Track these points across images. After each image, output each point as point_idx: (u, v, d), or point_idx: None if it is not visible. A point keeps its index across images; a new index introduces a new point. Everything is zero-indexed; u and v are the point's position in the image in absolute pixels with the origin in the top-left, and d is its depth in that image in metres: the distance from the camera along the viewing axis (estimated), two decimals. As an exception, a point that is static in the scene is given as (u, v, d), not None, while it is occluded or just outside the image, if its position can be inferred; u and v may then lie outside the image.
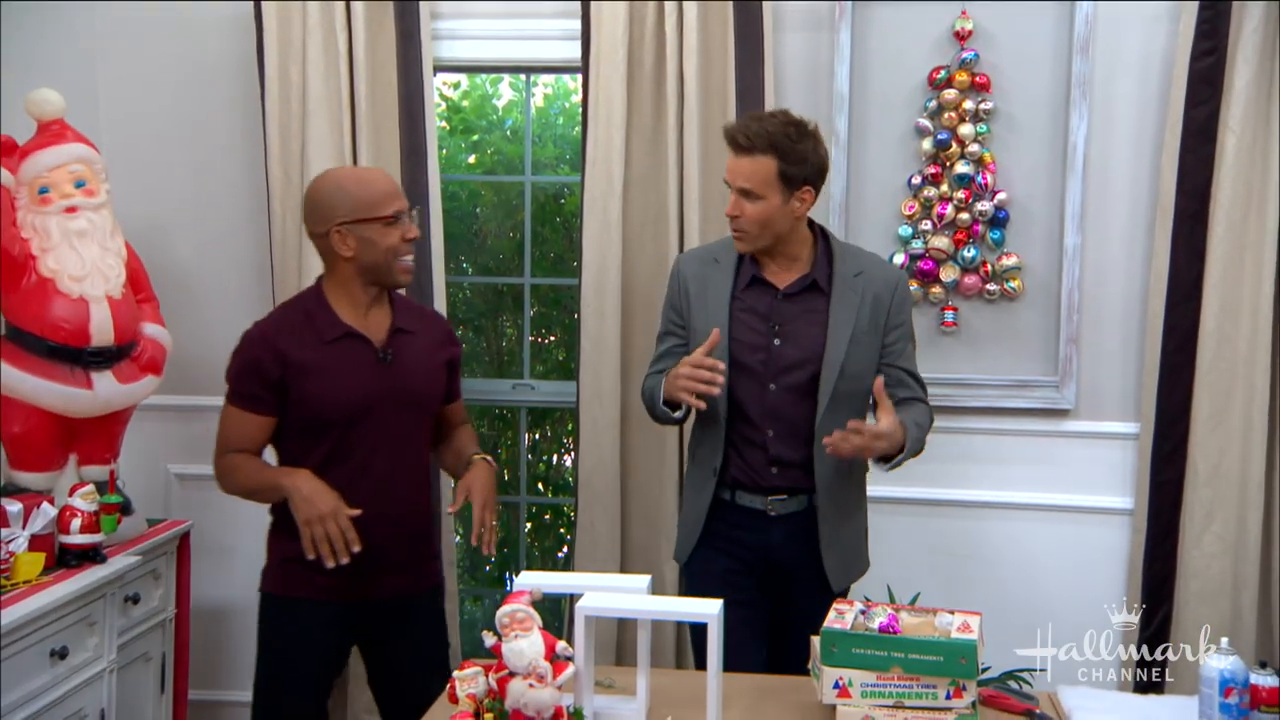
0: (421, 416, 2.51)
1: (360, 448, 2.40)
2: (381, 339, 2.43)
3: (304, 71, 3.18)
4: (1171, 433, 3.03)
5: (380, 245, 2.37)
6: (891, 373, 2.46)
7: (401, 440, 2.45)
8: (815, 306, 2.45)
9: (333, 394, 2.37)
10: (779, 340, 2.44)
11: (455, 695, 1.90)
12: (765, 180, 2.35)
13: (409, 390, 2.45)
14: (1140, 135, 3.08)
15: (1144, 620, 3.06)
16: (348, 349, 2.40)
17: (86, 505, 2.61)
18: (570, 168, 3.77)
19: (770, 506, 2.46)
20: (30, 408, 2.68)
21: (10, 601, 2.34)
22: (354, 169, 2.43)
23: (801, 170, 2.37)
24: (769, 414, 2.44)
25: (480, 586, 4.15)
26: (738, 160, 2.38)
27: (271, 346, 2.37)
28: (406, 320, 2.49)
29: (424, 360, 2.49)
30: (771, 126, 2.35)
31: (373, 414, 2.39)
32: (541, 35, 3.27)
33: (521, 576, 2.12)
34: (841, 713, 1.94)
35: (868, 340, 2.45)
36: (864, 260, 2.52)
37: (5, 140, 2.69)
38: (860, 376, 2.44)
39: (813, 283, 2.46)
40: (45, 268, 2.67)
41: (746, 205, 2.37)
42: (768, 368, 2.44)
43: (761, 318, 2.46)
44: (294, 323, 2.42)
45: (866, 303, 2.44)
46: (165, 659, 2.94)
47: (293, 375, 2.36)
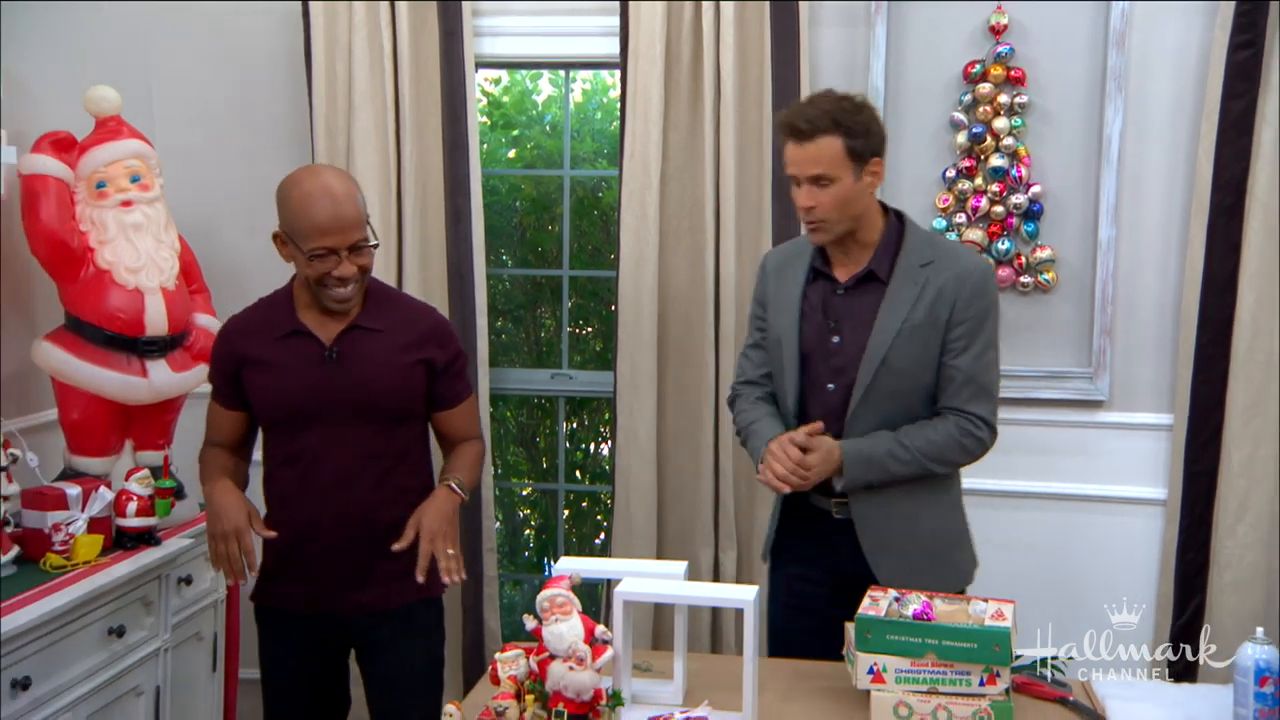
0: (383, 421, 2.29)
1: (308, 449, 2.27)
2: (332, 337, 2.28)
3: (350, 68, 3.19)
4: (1205, 424, 2.99)
5: (303, 270, 2.23)
6: (944, 370, 2.27)
7: (357, 444, 2.26)
8: (872, 299, 2.28)
9: (273, 391, 2.28)
10: (837, 338, 2.30)
11: (497, 677, 1.90)
12: (834, 160, 2.19)
13: (359, 391, 2.26)
14: (1175, 128, 3.03)
15: (1177, 609, 3.03)
16: (294, 347, 2.28)
17: (142, 489, 2.63)
18: (608, 162, 3.76)
19: (836, 509, 2.32)
20: (88, 395, 2.71)
21: (70, 581, 2.37)
22: (321, 183, 2.18)
23: (868, 143, 2.22)
24: (827, 416, 2.28)
25: (519, 571, 4.17)
26: (801, 148, 2.21)
27: (229, 341, 2.34)
28: (374, 318, 2.30)
29: (385, 360, 2.28)
30: (826, 105, 2.21)
31: (319, 415, 2.26)
32: (580, 32, 3.27)
33: (561, 562, 2.13)
34: (875, 698, 1.93)
35: (923, 335, 2.24)
36: (940, 249, 2.32)
37: (64, 136, 2.72)
38: (910, 373, 2.26)
39: (870, 274, 2.29)
40: (102, 260, 2.68)
41: (819, 193, 2.21)
42: (826, 367, 2.31)
43: (821, 313, 2.32)
44: (257, 318, 2.35)
45: (928, 294, 2.24)
46: (217, 638, 2.96)
47: (245, 371, 2.30)
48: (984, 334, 2.28)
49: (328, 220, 2.17)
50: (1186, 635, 3.02)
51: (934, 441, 2.26)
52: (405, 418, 2.34)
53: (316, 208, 2.17)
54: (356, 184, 2.28)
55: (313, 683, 2.40)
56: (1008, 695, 1.91)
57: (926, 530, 2.33)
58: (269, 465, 2.36)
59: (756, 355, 2.45)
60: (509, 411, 4.07)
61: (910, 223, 2.35)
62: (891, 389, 2.26)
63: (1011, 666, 1.92)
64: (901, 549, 2.29)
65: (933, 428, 2.27)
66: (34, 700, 2.21)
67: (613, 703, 1.88)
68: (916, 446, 2.25)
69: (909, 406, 2.29)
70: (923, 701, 1.91)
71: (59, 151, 2.69)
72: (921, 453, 2.25)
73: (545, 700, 1.83)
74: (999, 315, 2.33)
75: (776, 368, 2.38)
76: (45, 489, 2.53)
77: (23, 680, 2.17)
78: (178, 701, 2.75)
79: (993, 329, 2.30)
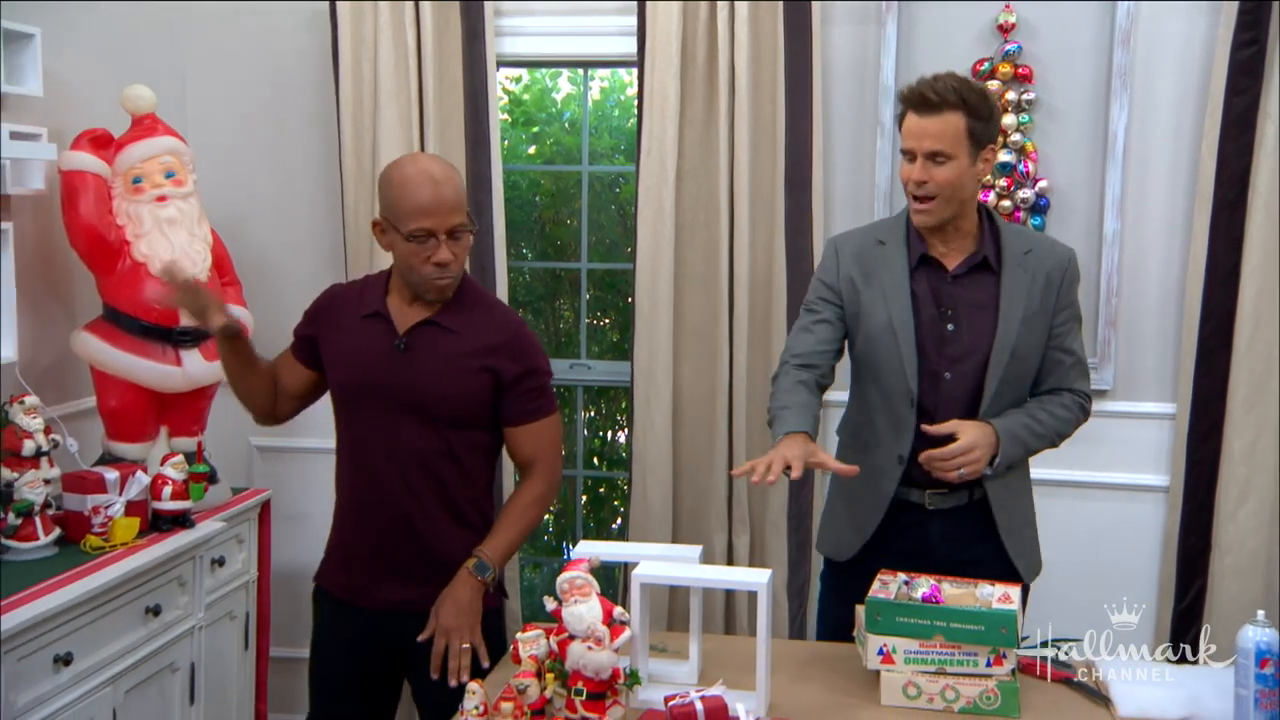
0: (436, 421, 2.19)
1: (362, 433, 2.23)
2: (407, 327, 2.21)
3: (375, 67, 3.20)
4: (1207, 413, 2.98)
5: (403, 254, 2.16)
6: (1053, 355, 2.24)
7: (408, 439, 2.18)
8: (986, 288, 2.20)
9: (339, 368, 2.26)
10: (952, 326, 2.20)
11: (518, 656, 1.91)
12: (955, 138, 2.10)
13: (415, 387, 2.18)
14: (1180, 124, 3.01)
15: (1179, 594, 3.02)
16: (370, 329, 2.22)
17: (177, 474, 2.64)
18: (625, 158, 3.76)
19: (928, 500, 2.23)
20: (125, 383, 2.73)
21: (109, 562, 2.39)
22: (421, 167, 2.14)
23: (988, 128, 2.14)
24: (943, 402, 2.20)
25: (539, 555, 4.19)
26: (924, 120, 2.11)
27: (331, 302, 2.32)
28: (454, 317, 2.21)
29: (449, 361, 2.18)
30: (955, 83, 2.12)
31: (375, 402, 2.20)
32: (599, 31, 3.27)
33: (580, 545, 2.13)
34: (885, 678, 1.94)
35: (1038, 322, 2.21)
36: (1031, 238, 2.30)
37: (102, 134, 2.73)
38: (1028, 360, 2.22)
39: (983, 260, 2.21)
40: (138, 253, 2.70)
41: (935, 169, 2.11)
42: (941, 355, 2.21)
43: (933, 302, 2.22)
44: (353, 292, 2.32)
45: (1038, 282, 2.20)
46: (249, 618, 2.98)
47: (324, 337, 2.28)
48: (1079, 314, 2.30)
49: (428, 201, 2.11)
50: (1188, 619, 3.01)
51: (1061, 417, 2.25)
52: (461, 424, 2.21)
53: (417, 189, 2.12)
54: (457, 171, 2.23)
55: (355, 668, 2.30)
56: (1014, 676, 1.92)
57: (1030, 512, 2.35)
58: (336, 443, 2.32)
59: (822, 331, 2.27)
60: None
61: (997, 214, 2.31)
62: (1015, 375, 2.22)
63: (1017, 648, 1.92)
64: (1022, 530, 2.30)
65: (1058, 404, 2.25)
66: (75, 675, 2.23)
67: (630, 681, 1.88)
68: (1049, 422, 2.23)
69: (1024, 392, 2.27)
70: (931, 681, 1.92)
71: (97, 148, 2.70)
72: (1053, 428, 2.24)
73: (565, 679, 1.83)
74: None
75: (887, 355, 2.23)
76: (85, 473, 2.55)
77: (65, 656, 2.19)
78: (212, 678, 2.77)
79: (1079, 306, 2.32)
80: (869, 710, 1.92)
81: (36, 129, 2.69)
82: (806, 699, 1.96)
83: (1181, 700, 1.90)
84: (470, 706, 1.82)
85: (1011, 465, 2.22)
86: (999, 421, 2.18)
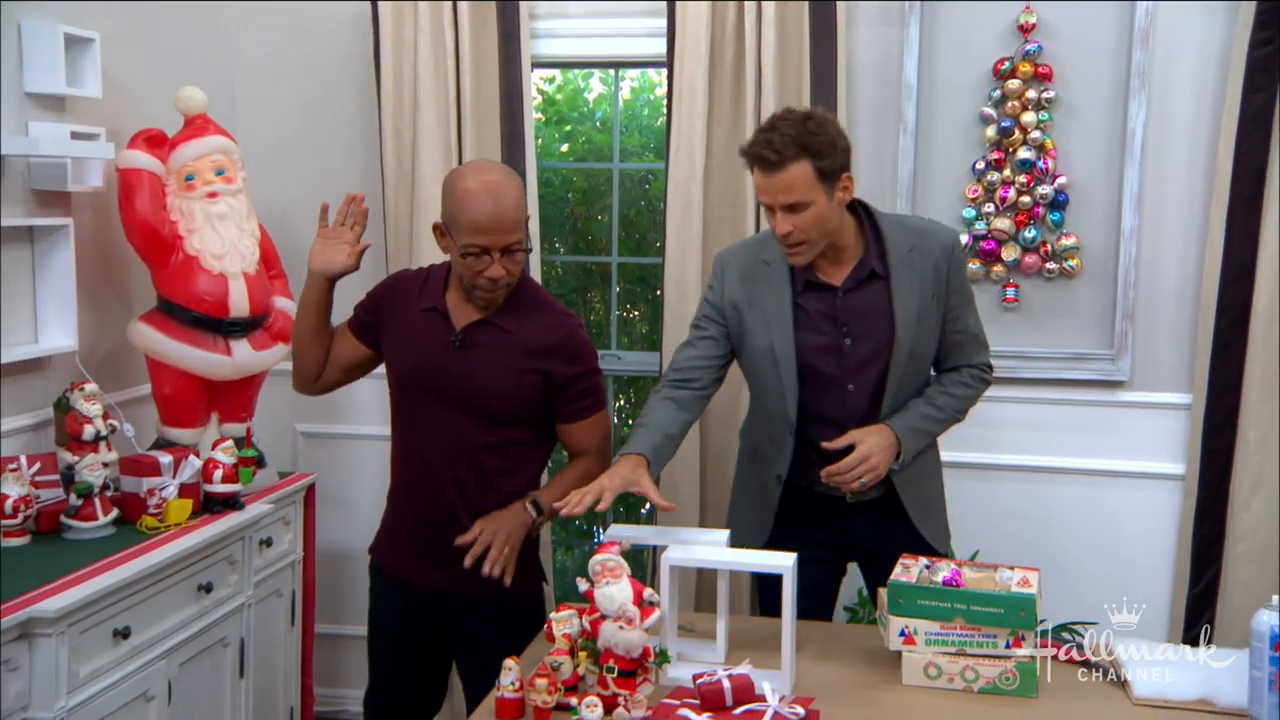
0: (486, 418, 2.18)
1: (414, 422, 2.23)
2: (464, 324, 2.20)
3: (415, 68, 3.21)
4: (1222, 403, 2.94)
5: (456, 263, 2.16)
6: (951, 337, 2.25)
7: (457, 433, 2.18)
8: (877, 296, 2.18)
9: (398, 358, 2.25)
10: (850, 340, 2.20)
11: (552, 635, 1.92)
12: (806, 185, 2.05)
13: (468, 384, 2.16)
14: (1197, 122, 2.97)
15: (1193, 579, 2.99)
16: (428, 323, 2.21)
17: (227, 458, 2.66)
18: (655, 155, 3.76)
19: (850, 495, 2.24)
20: (178, 372, 2.75)
21: (163, 542, 2.42)
22: (486, 180, 2.08)
23: (835, 161, 2.07)
24: (850, 414, 2.21)
25: (570, 538, 4.20)
26: (771, 177, 2.06)
27: (399, 289, 2.29)
28: (510, 317, 2.19)
29: (503, 361, 2.17)
30: (791, 131, 2.04)
31: (429, 395, 2.19)
32: (629, 33, 3.26)
33: (612, 529, 2.14)
34: (907, 658, 1.94)
35: (931, 313, 2.21)
36: (914, 231, 2.24)
37: (157, 133, 2.75)
38: (926, 353, 2.24)
39: (870, 272, 2.19)
40: (190, 247, 2.71)
41: (796, 218, 2.07)
42: (843, 369, 2.20)
43: (828, 319, 2.20)
44: (415, 282, 2.29)
45: (926, 277, 2.19)
46: (295, 596, 3.01)
47: (384, 325, 2.28)
48: (969, 293, 2.30)
49: (486, 219, 2.06)
50: (1202, 605, 2.99)
51: (961, 395, 2.27)
52: (511, 421, 2.21)
53: (477, 205, 2.06)
54: (522, 186, 2.17)
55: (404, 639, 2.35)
56: (1032, 657, 1.90)
57: (938, 489, 2.38)
58: (391, 426, 2.34)
59: (705, 346, 2.27)
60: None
61: (877, 212, 2.25)
62: (914, 370, 2.24)
63: (1036, 630, 1.91)
64: (933, 509, 2.33)
65: (951, 383, 2.28)
66: (133, 648, 2.27)
67: (660, 660, 1.89)
68: (948, 404, 2.25)
69: (923, 380, 2.30)
70: (951, 662, 1.91)
71: (152, 147, 2.72)
72: (953, 408, 2.27)
73: (597, 657, 1.84)
74: None
75: (767, 378, 2.24)
76: (141, 457, 2.58)
77: (123, 630, 2.23)
78: (260, 652, 2.80)
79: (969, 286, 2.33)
80: (891, 689, 1.92)
81: (95, 129, 2.72)
82: (830, 678, 1.96)
83: (1197, 683, 1.88)
84: (506, 682, 1.84)
85: (919, 454, 2.24)
86: (896, 420, 2.20)
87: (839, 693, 1.89)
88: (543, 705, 1.80)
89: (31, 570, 2.20)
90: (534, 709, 1.81)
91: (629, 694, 1.78)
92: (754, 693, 1.74)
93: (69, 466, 2.52)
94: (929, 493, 2.36)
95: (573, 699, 1.78)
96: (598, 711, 1.70)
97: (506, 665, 1.85)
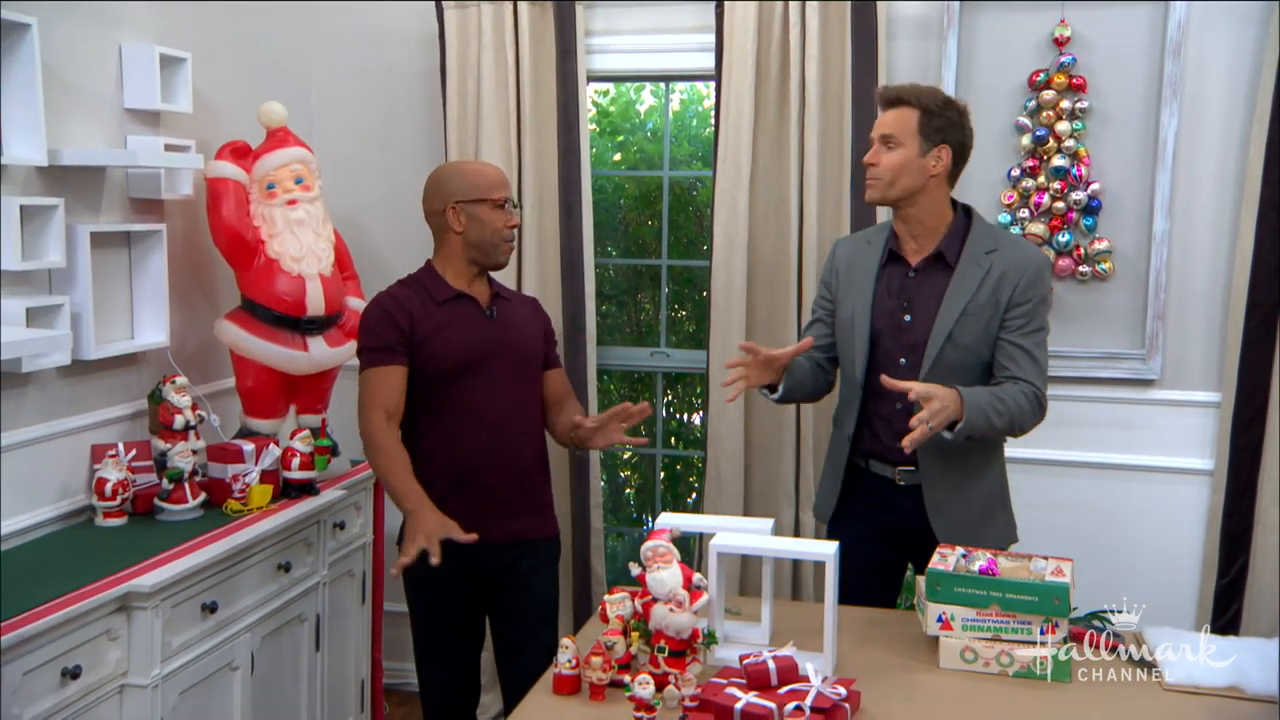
0: (527, 372, 2.40)
1: (474, 396, 2.30)
2: (486, 299, 2.38)
3: (478, 82, 3.23)
4: (1251, 401, 2.87)
5: (488, 225, 2.32)
6: (1005, 347, 2.20)
7: (511, 392, 2.35)
8: (941, 281, 2.23)
9: (448, 345, 2.29)
10: (909, 316, 2.25)
11: (606, 616, 1.92)
12: (905, 128, 2.20)
13: (513, 344, 2.37)
14: (1228, 129, 2.90)
15: (1221, 570, 2.93)
16: (458, 307, 2.33)
17: (304, 447, 2.70)
18: (703, 163, 3.75)
19: (899, 476, 2.28)
20: (259, 366, 2.78)
21: (246, 524, 2.48)
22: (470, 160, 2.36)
23: (941, 126, 2.19)
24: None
25: (621, 525, 4.21)
26: (883, 113, 2.25)
27: (399, 304, 2.30)
28: (504, 292, 2.45)
29: (526, 319, 2.44)
30: (920, 88, 2.24)
31: (484, 364, 2.31)
32: (679, 48, 3.26)
33: (662, 517, 2.13)
34: (944, 643, 1.92)
35: (985, 314, 2.19)
36: (1003, 239, 2.27)
37: (241, 145, 2.79)
38: (973, 349, 2.21)
39: (939, 256, 2.24)
40: (271, 251, 2.74)
41: (884, 153, 2.22)
42: (898, 343, 2.25)
43: (896, 294, 2.27)
44: (411, 291, 2.34)
45: (992, 278, 2.19)
46: (365, 576, 3.04)
47: (417, 330, 2.29)
48: (1039, 317, 2.23)
49: (498, 173, 2.37)
50: (1230, 595, 2.92)
51: (1019, 403, 2.17)
52: (539, 369, 2.45)
53: (483, 167, 2.40)
54: None
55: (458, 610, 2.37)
56: (1065, 644, 1.88)
57: (978, 497, 2.29)
58: (426, 417, 2.31)
59: (816, 329, 2.42)
60: (613, 385, 4.10)
61: (978, 216, 2.30)
62: (954, 363, 2.21)
63: (1069, 618, 1.89)
64: (955, 510, 2.26)
65: (1016, 391, 2.17)
66: (219, 622, 2.32)
67: (708, 641, 1.89)
68: (1011, 404, 2.16)
69: (968, 380, 2.21)
70: (987, 648, 1.89)
71: (237, 158, 2.76)
72: (1011, 411, 2.15)
73: (648, 637, 1.85)
74: (1051, 306, 2.28)
75: (846, 344, 2.33)
76: (226, 445, 2.64)
77: (210, 605, 2.28)
78: (334, 628, 2.85)
79: (1045, 315, 2.24)
80: (928, 672, 1.91)
81: (186, 141, 2.77)
82: (870, 661, 1.95)
83: (1226, 670, 1.85)
84: (563, 660, 1.85)
85: (972, 436, 2.12)
86: (965, 391, 2.11)
87: (879, 675, 1.88)
88: (597, 682, 1.81)
89: (129, 548, 2.26)
90: (589, 685, 1.82)
91: (679, 673, 1.79)
92: (798, 674, 1.74)
93: (161, 453, 2.57)
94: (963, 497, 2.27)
95: (625, 676, 1.78)
96: (649, 689, 1.70)
97: (564, 644, 1.87)
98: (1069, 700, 1.81)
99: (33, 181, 2.35)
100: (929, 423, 2.02)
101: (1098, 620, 2.03)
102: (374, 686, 3.15)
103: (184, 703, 2.20)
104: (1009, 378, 2.20)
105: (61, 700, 1.94)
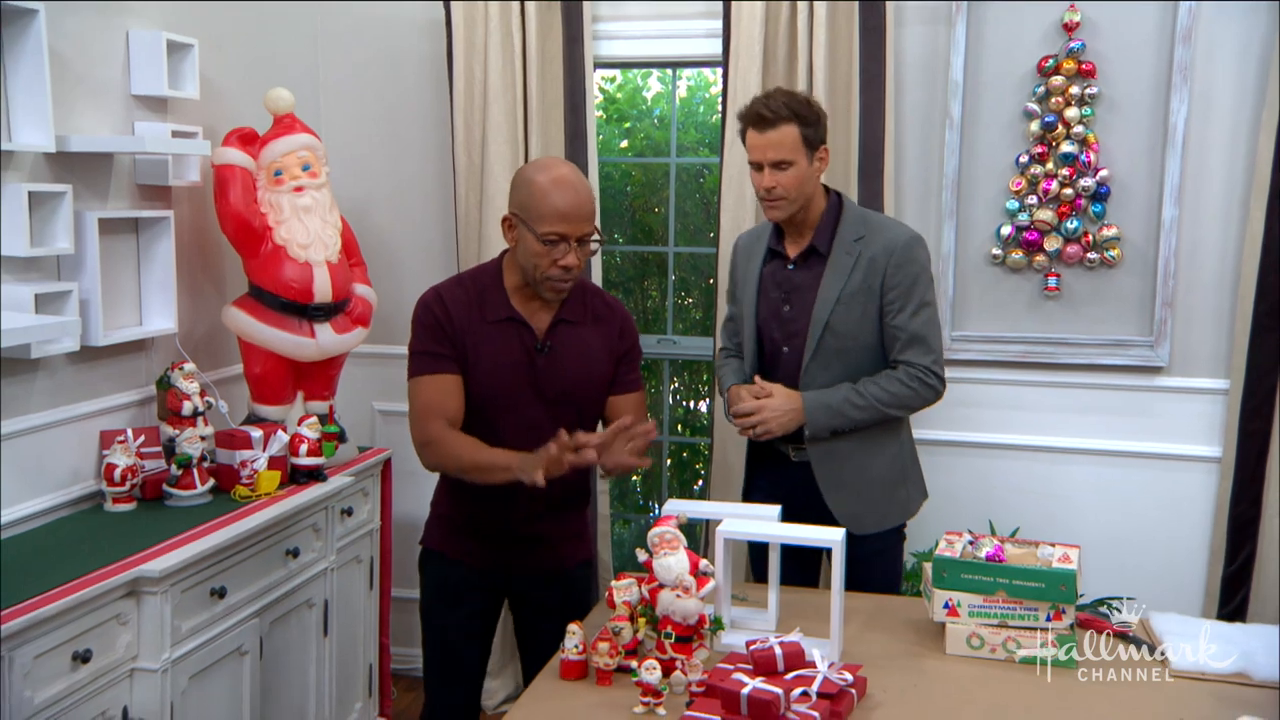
0: (568, 412, 2.11)
1: (505, 433, 2.07)
2: (543, 328, 2.11)
3: (485, 69, 3.22)
4: (1259, 388, 2.86)
5: (530, 253, 2.04)
6: (888, 331, 2.31)
7: (548, 428, 2.00)
8: (816, 272, 2.33)
9: (485, 373, 2.09)
10: (788, 307, 2.36)
11: (613, 601, 1.92)
12: (791, 146, 2.25)
13: (559, 384, 2.11)
14: (1238, 116, 2.88)
15: (1229, 557, 2.93)
16: (508, 333, 2.10)
17: (311, 433, 2.70)
18: (709, 150, 3.74)
19: (792, 452, 2.37)
20: (267, 353, 2.79)
21: (254, 510, 2.47)
22: (560, 175, 2.04)
23: (818, 131, 2.29)
24: (782, 374, 2.36)
25: (628, 511, 4.22)
26: (764, 135, 2.25)
27: (449, 315, 2.10)
28: (575, 310, 2.14)
29: (588, 354, 2.14)
30: (784, 99, 2.26)
31: (517, 404, 2.10)
32: (686, 34, 3.24)
33: (669, 503, 2.13)
34: (950, 629, 1.92)
35: (860, 300, 2.28)
36: (870, 224, 2.35)
37: (248, 131, 2.79)
38: (853, 335, 2.30)
39: (813, 249, 2.34)
40: (278, 237, 2.74)
41: (780, 175, 2.26)
42: (781, 333, 2.37)
43: (778, 287, 2.38)
44: (468, 298, 2.12)
45: (861, 265, 2.29)
46: (373, 562, 3.05)
47: (463, 345, 2.10)
48: (916, 295, 2.30)
49: (568, 207, 2.01)
50: (1237, 582, 2.92)
51: (886, 389, 2.29)
52: (592, 400, 2.18)
53: (560, 194, 2.02)
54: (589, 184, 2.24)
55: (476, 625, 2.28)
56: (1072, 630, 1.88)
57: (874, 472, 2.37)
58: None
59: (729, 326, 2.55)
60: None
61: (847, 202, 2.40)
62: (835, 349, 2.31)
63: (1076, 604, 1.88)
64: (852, 487, 2.35)
65: (885, 378, 2.31)
66: (228, 606, 2.33)
67: (714, 627, 1.89)
68: (871, 394, 2.28)
69: (856, 364, 2.32)
70: (994, 634, 1.89)
71: (244, 145, 2.76)
72: (876, 400, 2.28)
73: (655, 623, 1.84)
74: (931, 279, 2.34)
75: (743, 338, 2.44)
76: (234, 431, 2.64)
77: (220, 590, 2.29)
78: (342, 613, 2.85)
79: (924, 290, 2.32)
80: (935, 659, 1.91)
81: (193, 128, 2.77)
82: (877, 647, 1.95)
83: (1233, 656, 1.84)
84: (570, 645, 1.85)
85: (837, 431, 2.29)
86: (812, 393, 2.30)
87: (886, 660, 1.88)
88: (604, 667, 1.81)
89: (138, 534, 2.27)
90: (596, 670, 1.83)
91: (685, 658, 1.79)
92: (804, 659, 1.74)
93: (170, 439, 2.58)
94: (855, 473, 2.34)
95: (632, 662, 1.79)
96: (656, 674, 1.71)
97: (571, 630, 1.87)
98: (1075, 686, 1.81)
99: (40, 168, 2.34)
100: (755, 430, 2.28)
101: (1104, 607, 2.03)
102: (381, 671, 3.16)
103: (193, 687, 2.21)
104: (894, 361, 2.32)
105: (72, 684, 1.94)
